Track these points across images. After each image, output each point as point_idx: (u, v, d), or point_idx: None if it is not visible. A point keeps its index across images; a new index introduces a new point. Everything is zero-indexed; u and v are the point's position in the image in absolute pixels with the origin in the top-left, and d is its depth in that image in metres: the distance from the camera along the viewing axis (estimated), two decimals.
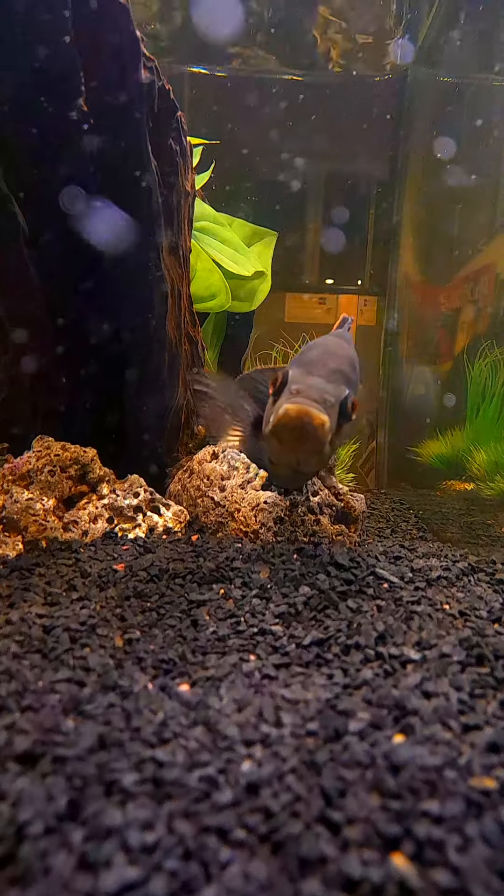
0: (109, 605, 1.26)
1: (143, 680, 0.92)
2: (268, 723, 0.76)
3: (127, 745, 0.71)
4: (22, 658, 0.97)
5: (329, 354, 1.35)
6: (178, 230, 1.96)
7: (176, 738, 0.73)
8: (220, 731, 0.74)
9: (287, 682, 0.92)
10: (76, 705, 0.82)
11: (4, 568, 1.45)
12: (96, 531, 1.81)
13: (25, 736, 0.72)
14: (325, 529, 1.92)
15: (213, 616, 1.24)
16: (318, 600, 1.28)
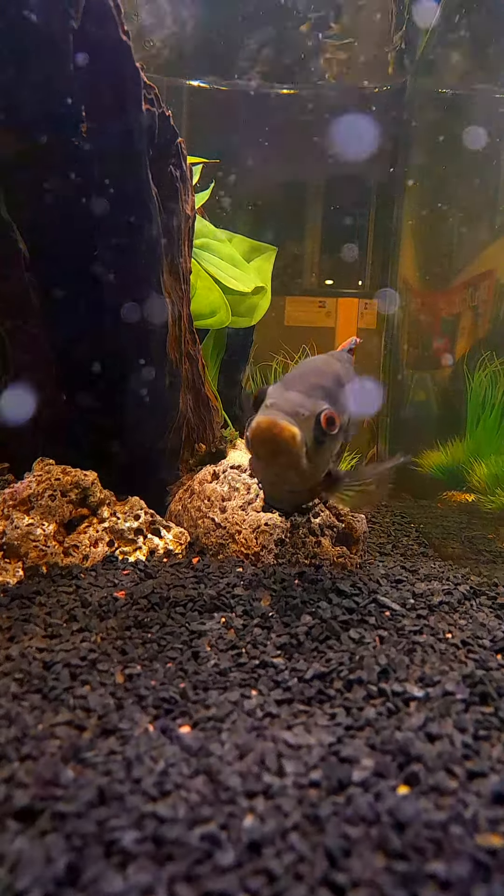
0: (110, 636, 1.25)
1: (143, 721, 0.91)
2: (270, 771, 0.75)
3: (127, 799, 0.71)
4: (22, 699, 0.96)
5: (312, 371, 1.35)
6: (179, 252, 1.97)
7: (177, 790, 0.72)
8: (221, 781, 0.73)
9: (289, 722, 0.91)
10: (76, 753, 0.81)
11: (5, 596, 1.44)
12: (97, 555, 1.80)
13: (25, 790, 0.71)
14: (326, 552, 1.91)
15: (215, 647, 1.23)
16: (320, 630, 1.27)
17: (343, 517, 2.03)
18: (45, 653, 1.15)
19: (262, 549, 1.93)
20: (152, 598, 1.46)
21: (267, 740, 0.84)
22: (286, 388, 1.25)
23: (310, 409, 1.21)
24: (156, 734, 0.88)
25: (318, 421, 1.21)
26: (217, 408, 2.68)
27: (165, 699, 0.99)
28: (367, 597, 1.44)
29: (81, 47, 1.33)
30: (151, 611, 1.40)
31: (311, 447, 1.21)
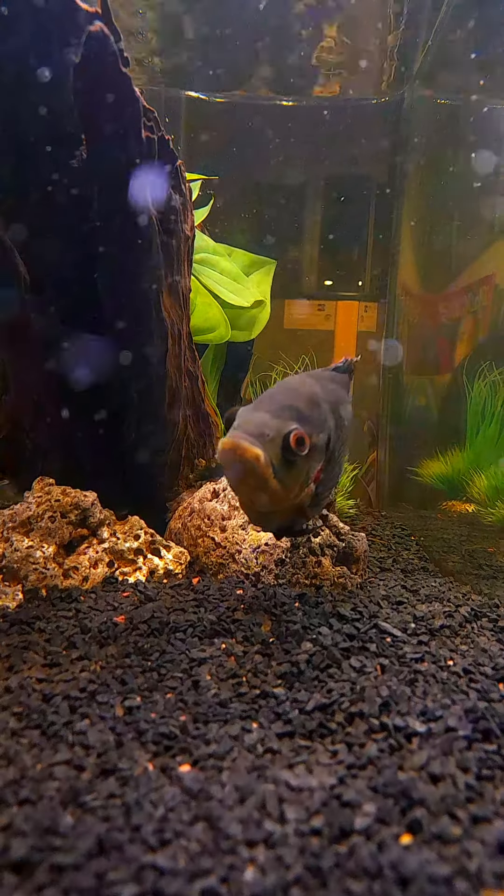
0: (110, 664, 1.25)
1: (143, 760, 0.91)
2: (271, 818, 0.74)
3: (126, 849, 0.70)
4: (21, 735, 0.95)
5: (283, 391, 1.33)
6: (178, 272, 1.98)
7: (177, 839, 0.71)
8: (221, 828, 0.73)
9: (290, 760, 0.90)
10: (75, 796, 0.80)
11: (4, 622, 1.44)
12: (97, 576, 1.80)
13: (22, 839, 0.70)
14: (326, 572, 1.90)
15: (215, 676, 1.22)
16: (321, 658, 1.26)
17: (344, 536, 2.02)
18: (45, 684, 1.14)
19: (262, 569, 1.93)
20: (152, 623, 1.45)
21: (268, 782, 0.83)
22: (254, 409, 1.24)
23: (275, 430, 1.19)
24: (155, 774, 0.87)
25: (285, 441, 1.19)
26: (217, 423, 2.68)
27: (165, 734, 0.99)
28: (368, 622, 1.43)
29: (81, 78, 1.34)
30: (151, 636, 1.39)
31: (280, 468, 1.19)
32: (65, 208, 1.63)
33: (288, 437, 1.19)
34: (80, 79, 1.36)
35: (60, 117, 1.53)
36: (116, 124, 1.43)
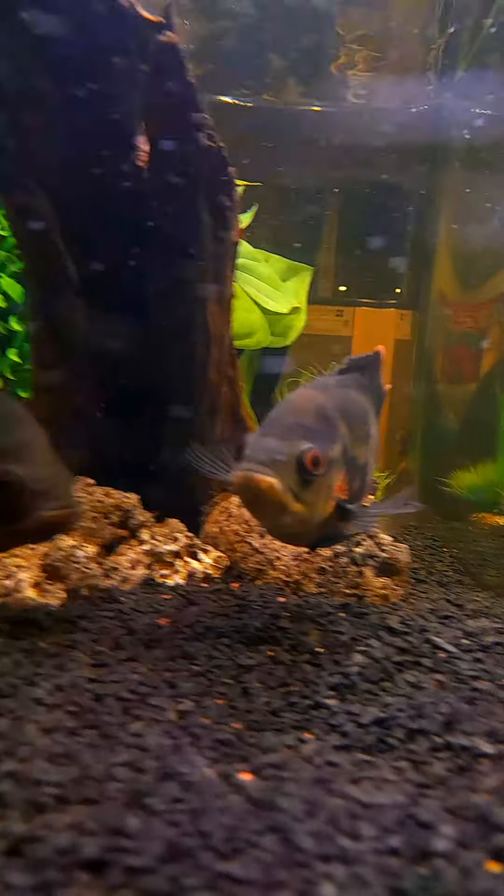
0: (157, 667, 1.23)
1: (202, 765, 0.89)
2: (344, 833, 0.71)
3: (198, 855, 0.68)
4: (78, 735, 0.94)
5: (288, 410, 1.29)
6: (224, 279, 1.99)
7: (248, 848, 0.69)
8: (293, 841, 0.70)
9: (354, 774, 0.87)
10: (138, 798, 0.78)
11: (49, 619, 1.44)
12: (136, 577, 1.80)
13: (92, 838, 0.69)
14: (368, 582, 1.86)
15: (264, 684, 1.20)
16: (373, 671, 1.22)
17: (386, 547, 1.98)
18: (96, 683, 1.13)
19: (302, 577, 1.90)
20: (196, 628, 1.43)
21: (335, 796, 0.80)
22: (262, 436, 1.21)
23: (287, 453, 1.16)
24: (217, 780, 0.85)
25: (300, 463, 1.16)
26: (253, 429, 2.68)
27: (221, 741, 0.96)
28: (419, 635, 1.39)
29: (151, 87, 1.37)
30: (196, 640, 1.38)
31: (299, 489, 1.16)
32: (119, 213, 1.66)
33: (302, 459, 1.16)
34: (151, 89, 1.38)
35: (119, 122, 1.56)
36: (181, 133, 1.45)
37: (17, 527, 1.19)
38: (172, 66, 1.32)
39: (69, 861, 0.66)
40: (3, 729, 0.91)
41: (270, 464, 1.14)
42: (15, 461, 1.18)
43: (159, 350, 1.93)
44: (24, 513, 1.19)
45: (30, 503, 1.18)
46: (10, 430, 1.24)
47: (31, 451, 1.23)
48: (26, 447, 1.23)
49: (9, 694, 1.04)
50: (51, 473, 1.24)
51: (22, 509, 1.18)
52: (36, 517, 1.19)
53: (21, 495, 1.17)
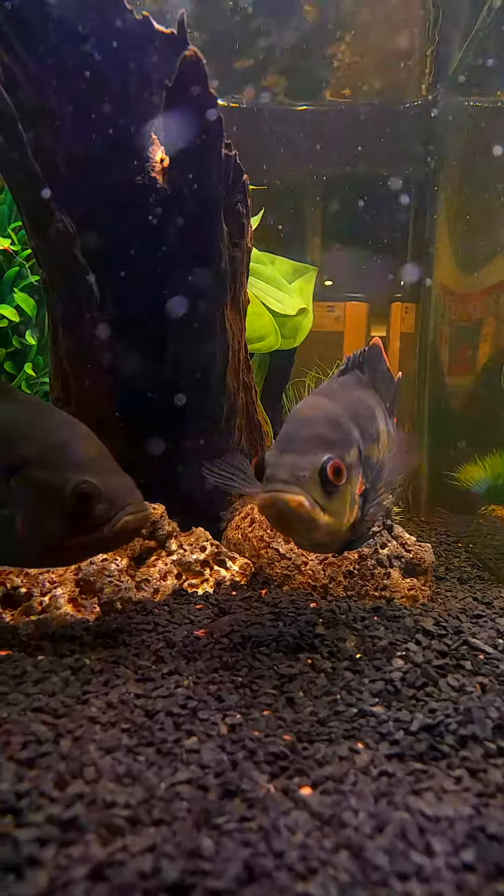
0: (201, 679, 1.25)
1: (261, 780, 0.90)
2: (417, 849, 0.72)
3: (275, 876, 0.69)
4: (137, 753, 0.95)
5: (300, 423, 1.28)
6: (240, 285, 1.99)
7: (324, 868, 0.70)
8: (367, 858, 0.71)
9: (413, 786, 0.88)
10: (207, 818, 0.80)
11: (88, 635, 1.45)
12: (166, 588, 1.81)
13: (171, 862, 0.70)
14: (396, 584, 1.87)
15: (308, 693, 1.21)
16: (415, 675, 1.24)
17: (410, 547, 1.99)
18: (144, 699, 1.15)
19: (330, 581, 1.91)
20: (233, 638, 1.45)
21: (400, 809, 0.81)
22: (280, 452, 1.20)
23: (309, 468, 1.16)
24: (279, 796, 0.86)
25: (323, 476, 1.16)
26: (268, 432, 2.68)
27: (276, 754, 0.98)
28: (456, 637, 1.40)
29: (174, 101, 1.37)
30: (235, 651, 1.39)
31: (325, 502, 1.17)
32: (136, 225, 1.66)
33: (325, 471, 1.16)
34: (173, 102, 1.38)
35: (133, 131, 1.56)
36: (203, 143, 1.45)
37: (98, 535, 1.24)
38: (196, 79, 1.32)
39: (153, 885, 0.67)
40: (65, 750, 0.92)
41: (295, 481, 1.14)
42: (88, 473, 1.23)
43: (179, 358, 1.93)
44: (102, 520, 1.24)
45: (107, 511, 1.24)
46: (79, 446, 1.29)
47: (100, 463, 1.29)
48: (95, 460, 1.29)
49: (64, 713, 1.06)
50: (120, 482, 1.29)
51: (100, 517, 1.24)
52: (114, 523, 1.24)
53: (98, 504, 1.22)
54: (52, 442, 1.28)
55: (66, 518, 1.23)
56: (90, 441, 1.33)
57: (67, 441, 1.29)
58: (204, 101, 1.37)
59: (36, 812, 0.78)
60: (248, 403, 2.47)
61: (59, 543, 1.26)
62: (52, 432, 1.30)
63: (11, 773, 0.85)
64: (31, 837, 0.73)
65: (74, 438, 1.31)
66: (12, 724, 0.99)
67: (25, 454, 1.25)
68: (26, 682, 1.18)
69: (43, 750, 0.92)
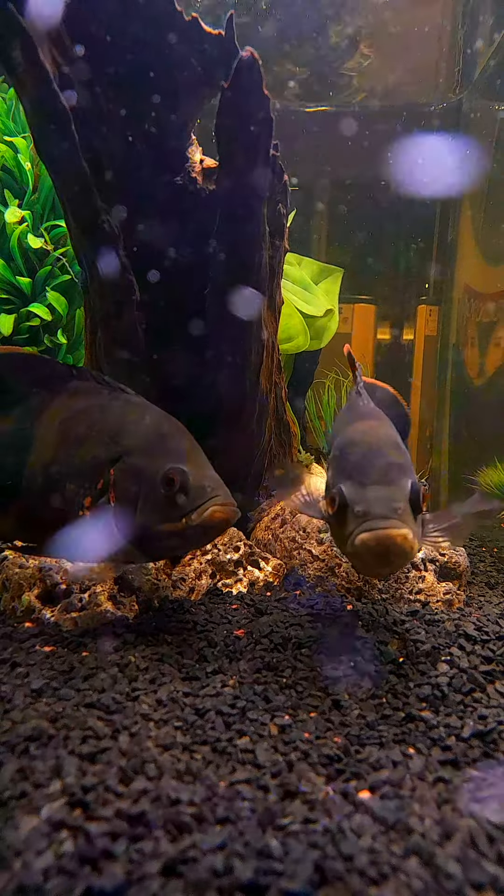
0: (246, 680, 1.25)
1: (319, 782, 0.90)
2: (488, 859, 0.72)
3: (347, 879, 0.69)
4: (193, 751, 0.96)
5: (371, 450, 1.24)
6: (276, 286, 1.99)
7: (395, 873, 0.70)
8: (439, 866, 0.71)
9: (474, 794, 0.88)
10: (272, 818, 0.80)
11: (129, 633, 1.47)
12: (201, 587, 1.82)
13: (242, 862, 0.71)
14: (431, 587, 1.86)
15: (354, 696, 1.21)
16: (461, 681, 1.23)
17: (445, 551, 1.97)
18: (192, 697, 1.15)
19: (364, 583, 1.90)
20: (273, 638, 1.45)
21: (465, 817, 0.81)
22: (362, 485, 1.16)
23: (403, 500, 1.14)
24: (338, 798, 0.86)
25: (415, 505, 1.15)
26: (296, 433, 2.68)
27: (329, 756, 0.98)
28: (499, 643, 1.38)
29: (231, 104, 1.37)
30: (276, 651, 1.39)
31: (416, 528, 1.16)
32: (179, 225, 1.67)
33: (418, 500, 1.15)
34: (228, 104, 1.39)
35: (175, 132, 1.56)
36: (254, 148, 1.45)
37: (185, 524, 1.26)
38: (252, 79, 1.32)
39: (227, 883, 0.68)
40: (124, 746, 0.93)
41: (394, 514, 1.11)
42: (179, 462, 1.29)
43: (216, 358, 1.94)
44: (190, 509, 1.27)
45: (193, 501, 1.27)
46: (174, 439, 1.37)
47: (192, 456, 1.34)
48: (187, 452, 1.34)
49: (116, 710, 1.07)
50: (209, 475, 1.33)
51: (188, 506, 1.27)
52: (200, 512, 1.26)
53: (186, 492, 1.26)
54: (150, 434, 1.35)
55: (156, 504, 1.27)
56: (184, 436, 1.40)
57: (164, 434, 1.36)
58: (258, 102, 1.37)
59: (104, 806, 0.79)
60: (278, 404, 2.47)
61: (150, 532, 1.29)
62: (152, 426, 1.37)
63: (75, 767, 0.87)
64: (102, 831, 0.74)
65: (171, 432, 1.38)
66: (68, 719, 1.01)
67: (127, 445, 1.32)
68: (76, 678, 1.20)
69: (102, 745, 0.93)
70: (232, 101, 1.37)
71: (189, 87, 1.54)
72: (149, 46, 1.42)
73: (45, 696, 1.12)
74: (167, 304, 1.83)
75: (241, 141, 1.43)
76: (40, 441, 1.39)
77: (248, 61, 1.31)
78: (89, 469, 1.33)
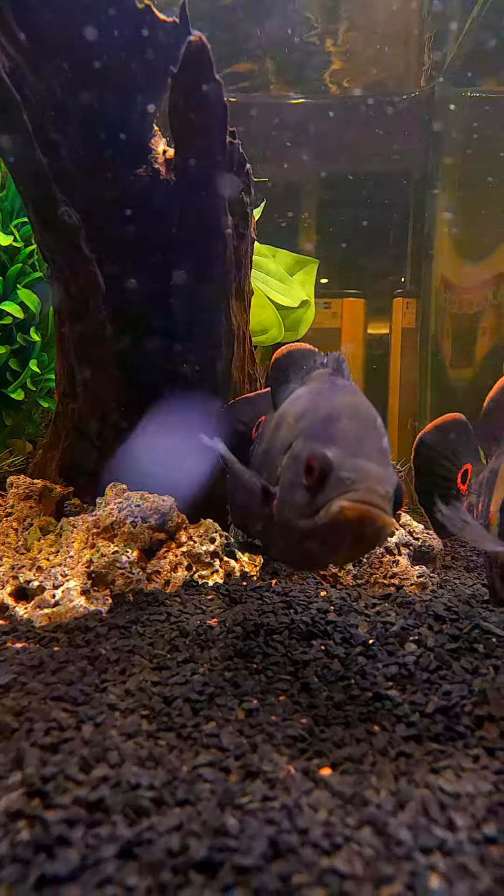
0: (216, 667, 1.26)
1: (282, 762, 0.91)
2: (438, 824, 0.74)
3: (300, 852, 0.70)
4: (157, 738, 0.97)
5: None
6: (244, 276, 1.99)
7: (348, 843, 0.71)
8: (391, 834, 0.72)
9: (432, 765, 0.89)
10: (231, 798, 0.81)
11: (102, 626, 1.47)
12: (177, 580, 1.82)
13: (198, 840, 0.71)
14: (405, 571, 1.88)
15: (323, 678, 1.22)
16: (428, 659, 1.25)
17: (419, 535, 2.00)
18: (161, 686, 1.16)
19: (339, 569, 1.92)
20: (246, 626, 1.46)
21: (420, 786, 0.82)
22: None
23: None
24: (299, 777, 0.87)
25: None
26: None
27: (294, 737, 0.99)
28: (468, 622, 1.41)
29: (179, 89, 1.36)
30: (248, 639, 1.40)
31: None
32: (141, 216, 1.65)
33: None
34: (178, 88, 1.38)
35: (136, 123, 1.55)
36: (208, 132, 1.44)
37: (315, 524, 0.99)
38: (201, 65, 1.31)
39: (182, 862, 0.68)
40: (87, 735, 0.94)
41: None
42: (331, 446, 1.02)
43: (185, 350, 1.93)
44: (324, 502, 0.98)
45: (331, 491, 0.98)
46: (342, 422, 1.10)
47: (355, 443, 1.05)
48: (350, 437, 1.06)
49: (84, 701, 1.07)
50: (363, 466, 1.00)
51: (324, 498, 0.98)
52: (329, 506, 0.96)
53: (326, 480, 0.99)
54: (321, 416, 1.12)
55: (299, 496, 1.03)
56: (359, 421, 1.11)
57: (334, 416, 1.10)
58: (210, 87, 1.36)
59: (62, 795, 0.79)
60: None
61: (289, 528, 1.07)
62: (328, 408, 1.13)
63: (36, 758, 0.87)
64: (59, 819, 0.74)
65: (343, 415, 1.11)
66: (33, 712, 1.00)
67: (301, 428, 1.13)
68: (44, 672, 1.20)
69: (65, 736, 0.93)
70: (182, 86, 1.36)
71: (146, 77, 1.52)
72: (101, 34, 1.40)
73: (12, 690, 1.12)
74: (134, 297, 1.82)
75: (194, 126, 1.42)
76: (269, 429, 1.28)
77: (196, 45, 1.29)
78: (274, 454, 1.18)
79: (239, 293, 2.03)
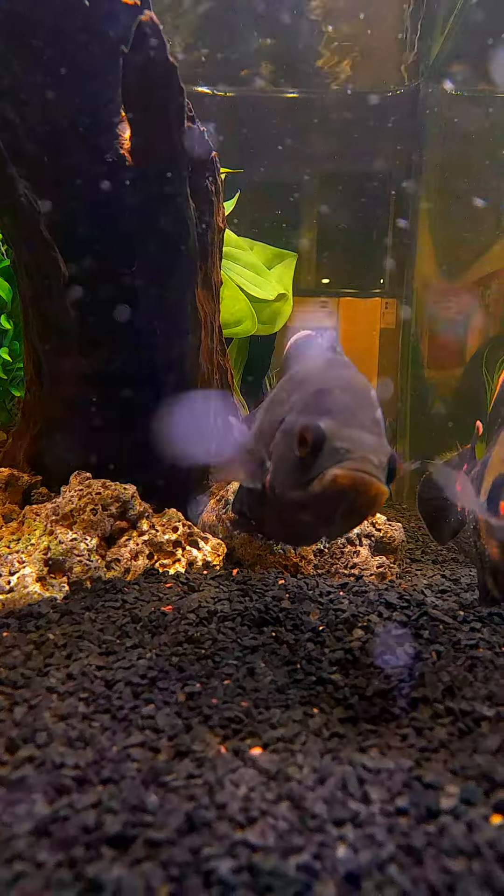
0: (164, 652, 1.26)
1: (214, 742, 0.92)
2: (354, 798, 0.75)
3: (215, 826, 0.71)
4: (92, 719, 0.97)
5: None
6: (212, 265, 1.98)
7: (263, 817, 0.72)
8: (307, 808, 0.73)
9: (361, 744, 0.91)
10: (156, 776, 0.81)
11: (55, 612, 1.46)
12: (137, 568, 1.82)
13: (114, 816, 0.72)
14: (365, 562, 1.90)
15: (269, 663, 1.23)
16: (375, 645, 1.26)
17: (380, 526, 2.02)
18: (105, 671, 1.16)
19: (300, 559, 1.93)
20: (200, 613, 1.46)
21: (344, 763, 0.83)
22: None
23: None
24: (229, 756, 0.88)
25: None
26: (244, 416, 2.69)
27: (231, 718, 1.00)
28: (417, 609, 1.43)
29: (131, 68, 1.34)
30: (201, 625, 1.40)
31: None
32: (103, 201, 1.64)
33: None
34: (130, 68, 1.36)
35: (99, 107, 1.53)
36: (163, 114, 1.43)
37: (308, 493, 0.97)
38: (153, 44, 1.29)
39: (95, 838, 0.69)
40: (19, 717, 0.93)
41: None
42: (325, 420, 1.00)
43: (149, 338, 1.92)
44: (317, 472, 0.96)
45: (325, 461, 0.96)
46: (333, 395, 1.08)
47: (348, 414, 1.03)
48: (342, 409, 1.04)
49: (22, 685, 1.06)
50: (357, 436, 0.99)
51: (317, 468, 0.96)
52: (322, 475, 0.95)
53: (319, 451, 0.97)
54: (312, 390, 1.09)
55: (291, 468, 1.02)
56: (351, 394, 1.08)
57: (325, 389, 1.08)
58: (163, 67, 1.34)
59: None
60: (224, 386, 2.47)
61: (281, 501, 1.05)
62: (319, 382, 1.11)
63: None
64: None
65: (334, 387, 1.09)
66: None
67: (293, 402, 1.10)
68: None
69: None
70: (133, 66, 1.34)
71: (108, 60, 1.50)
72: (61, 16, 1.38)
73: None
74: (98, 283, 1.80)
75: (147, 108, 1.40)
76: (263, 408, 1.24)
77: (148, 24, 1.28)
78: (268, 429, 1.13)
79: (206, 282, 2.03)
